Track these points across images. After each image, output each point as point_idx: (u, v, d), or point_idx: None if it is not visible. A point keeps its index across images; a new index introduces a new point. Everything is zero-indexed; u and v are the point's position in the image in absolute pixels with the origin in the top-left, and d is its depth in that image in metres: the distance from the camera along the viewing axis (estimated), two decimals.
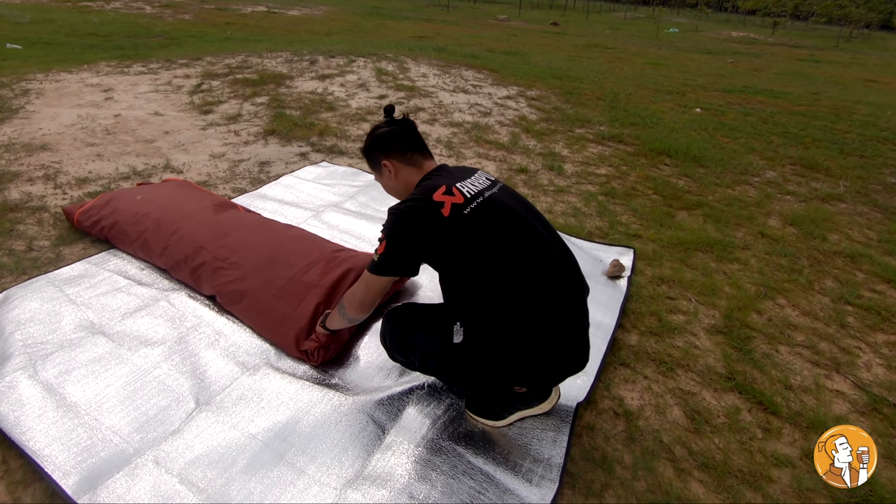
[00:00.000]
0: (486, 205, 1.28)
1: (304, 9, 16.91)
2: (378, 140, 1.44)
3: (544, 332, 1.27)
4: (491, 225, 1.26)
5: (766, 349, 1.97)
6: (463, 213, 1.25)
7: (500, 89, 5.93)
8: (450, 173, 1.38)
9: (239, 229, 2.08)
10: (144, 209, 2.21)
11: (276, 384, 1.59)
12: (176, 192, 2.43)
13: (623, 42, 14.82)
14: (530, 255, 1.27)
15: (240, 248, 1.96)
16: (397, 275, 1.32)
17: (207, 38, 8.74)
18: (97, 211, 2.27)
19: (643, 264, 2.47)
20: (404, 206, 1.28)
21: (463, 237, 1.25)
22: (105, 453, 1.33)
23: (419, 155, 1.43)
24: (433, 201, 1.25)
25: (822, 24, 31.80)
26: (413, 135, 1.44)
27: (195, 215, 2.17)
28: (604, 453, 1.46)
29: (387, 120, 1.46)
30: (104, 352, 1.66)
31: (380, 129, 1.45)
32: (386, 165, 1.43)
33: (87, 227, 2.29)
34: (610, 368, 1.79)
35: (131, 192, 2.42)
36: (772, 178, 3.86)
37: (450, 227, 1.24)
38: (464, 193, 1.28)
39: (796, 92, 7.71)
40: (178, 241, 2.03)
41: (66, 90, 4.65)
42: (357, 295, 1.40)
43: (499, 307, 1.26)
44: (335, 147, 3.74)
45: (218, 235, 2.02)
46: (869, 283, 2.49)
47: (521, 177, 3.46)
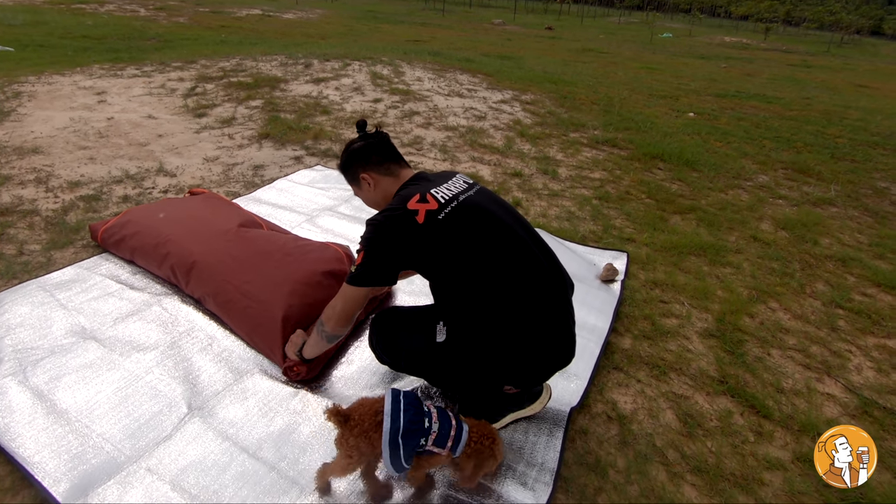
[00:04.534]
0: (460, 208, 1.30)
1: (299, 12, 16.92)
2: (355, 154, 1.45)
3: (525, 329, 1.29)
4: (466, 227, 1.28)
5: (759, 353, 1.98)
6: (437, 219, 1.27)
7: (495, 93, 5.96)
8: (427, 180, 1.40)
9: (265, 261, 1.90)
10: (166, 231, 2.05)
11: (268, 390, 1.58)
12: (200, 208, 2.28)
13: (617, 47, 14.93)
14: (507, 254, 1.29)
15: (265, 283, 1.80)
16: (375, 284, 1.32)
17: (202, 41, 8.72)
18: (119, 230, 2.16)
19: (636, 268, 2.49)
20: (381, 217, 1.31)
21: (439, 241, 1.27)
22: (96, 460, 1.32)
23: (395, 165, 1.45)
24: (408, 210, 1.27)
25: (813, 29, 32.19)
26: (388, 146, 1.46)
27: (218, 240, 1.99)
28: (597, 457, 1.46)
29: (360, 135, 1.48)
30: (95, 357, 1.64)
31: (355, 143, 1.47)
32: (365, 178, 1.44)
33: (111, 247, 2.19)
34: (603, 372, 1.79)
35: (154, 208, 2.28)
36: (764, 183, 3.89)
37: (425, 233, 1.26)
38: (438, 199, 1.29)
39: (788, 97, 7.79)
40: (199, 273, 1.89)
41: (58, 93, 4.63)
42: (336, 308, 1.36)
43: (478, 306, 1.29)
44: (330, 151, 3.74)
45: (243, 267, 1.86)
46: (860, 287, 2.51)
47: (516, 181, 3.47)
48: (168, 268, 1.98)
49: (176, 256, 1.96)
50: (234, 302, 1.78)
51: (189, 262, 1.92)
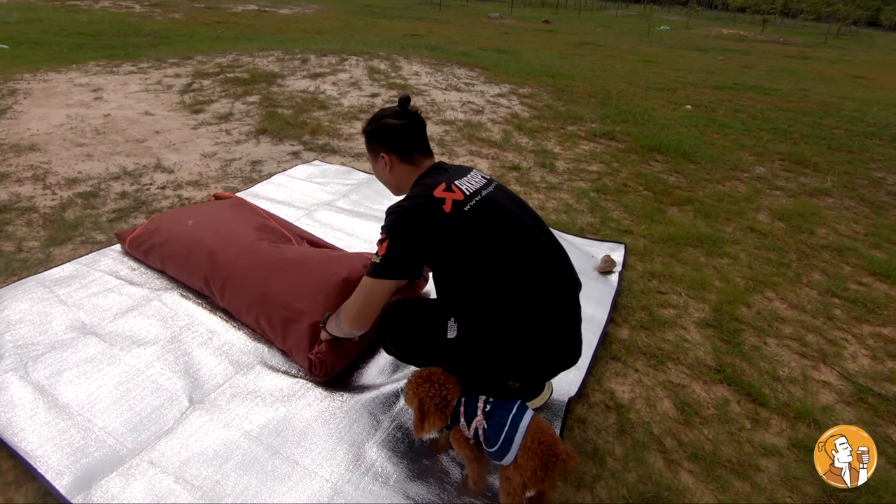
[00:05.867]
0: (483, 203, 1.28)
1: (295, 7, 16.82)
2: (383, 131, 1.38)
3: (536, 328, 1.29)
4: (488, 223, 1.26)
5: (755, 342, 1.99)
6: (463, 210, 1.24)
7: (493, 87, 5.95)
8: (447, 171, 1.37)
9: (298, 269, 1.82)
10: (197, 241, 1.99)
11: (269, 382, 1.59)
12: (228, 216, 2.20)
13: (614, 40, 14.88)
14: (524, 253, 1.28)
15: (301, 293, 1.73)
16: (401, 277, 1.26)
17: (198, 37, 8.68)
18: (147, 238, 2.11)
19: (634, 259, 2.50)
20: (407, 203, 1.26)
21: (462, 234, 1.24)
22: (99, 453, 1.33)
23: (420, 155, 1.40)
24: (434, 198, 1.24)
25: (810, 21, 32.10)
26: (420, 134, 1.40)
27: (249, 252, 1.91)
28: (595, 446, 1.48)
29: (398, 111, 1.39)
30: (96, 352, 1.65)
31: (389, 118, 1.37)
32: (384, 157, 1.40)
33: (140, 255, 2.13)
34: (601, 362, 1.81)
35: (182, 215, 2.22)
36: (761, 174, 3.90)
37: (451, 223, 1.23)
38: (463, 191, 1.27)
39: (785, 88, 7.79)
40: (234, 286, 1.83)
41: (54, 90, 4.61)
42: (355, 305, 1.30)
43: (492, 304, 1.27)
44: (327, 146, 3.74)
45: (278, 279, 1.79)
46: (855, 276, 2.53)
47: (514, 174, 3.47)
48: (201, 280, 1.92)
49: (208, 268, 1.90)
50: (274, 315, 1.71)
51: (223, 275, 1.85)
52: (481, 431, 1.18)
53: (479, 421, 1.19)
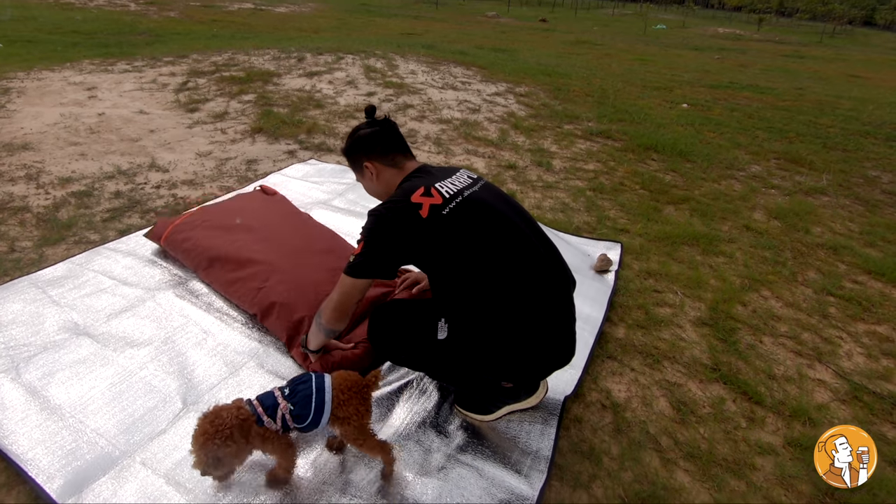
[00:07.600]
0: (465, 204, 1.28)
1: (291, 6, 16.76)
2: (360, 141, 1.43)
3: (527, 327, 1.28)
4: (470, 224, 1.27)
5: (751, 340, 1.99)
6: (441, 214, 1.25)
7: (489, 86, 5.94)
8: (430, 174, 1.37)
9: None
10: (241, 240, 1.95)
11: (264, 382, 1.58)
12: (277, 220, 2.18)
13: (611, 39, 14.90)
14: (511, 251, 1.28)
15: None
16: (374, 276, 1.31)
17: (193, 35, 8.64)
18: (189, 231, 2.06)
19: (630, 258, 2.50)
20: (383, 208, 1.29)
21: (442, 237, 1.25)
22: (91, 455, 1.32)
23: (401, 156, 1.43)
24: (411, 203, 1.26)
25: (806, 20, 32.22)
26: (395, 136, 1.43)
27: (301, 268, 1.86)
28: (591, 445, 1.47)
29: (368, 121, 1.45)
30: (89, 353, 1.64)
31: (362, 129, 1.43)
32: (367, 167, 1.42)
33: (175, 249, 2.06)
34: (597, 361, 1.80)
35: (229, 209, 2.15)
36: (757, 173, 3.90)
37: (428, 228, 1.24)
38: (442, 194, 1.28)
39: (781, 87, 7.81)
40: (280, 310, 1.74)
41: (48, 89, 4.57)
42: (332, 301, 1.35)
43: (481, 304, 1.27)
44: (323, 145, 3.72)
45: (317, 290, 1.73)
46: (850, 275, 2.53)
47: (510, 173, 3.47)
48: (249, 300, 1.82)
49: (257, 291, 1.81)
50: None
51: (268, 301, 1.76)
52: (288, 415, 1.18)
53: (284, 406, 1.19)
